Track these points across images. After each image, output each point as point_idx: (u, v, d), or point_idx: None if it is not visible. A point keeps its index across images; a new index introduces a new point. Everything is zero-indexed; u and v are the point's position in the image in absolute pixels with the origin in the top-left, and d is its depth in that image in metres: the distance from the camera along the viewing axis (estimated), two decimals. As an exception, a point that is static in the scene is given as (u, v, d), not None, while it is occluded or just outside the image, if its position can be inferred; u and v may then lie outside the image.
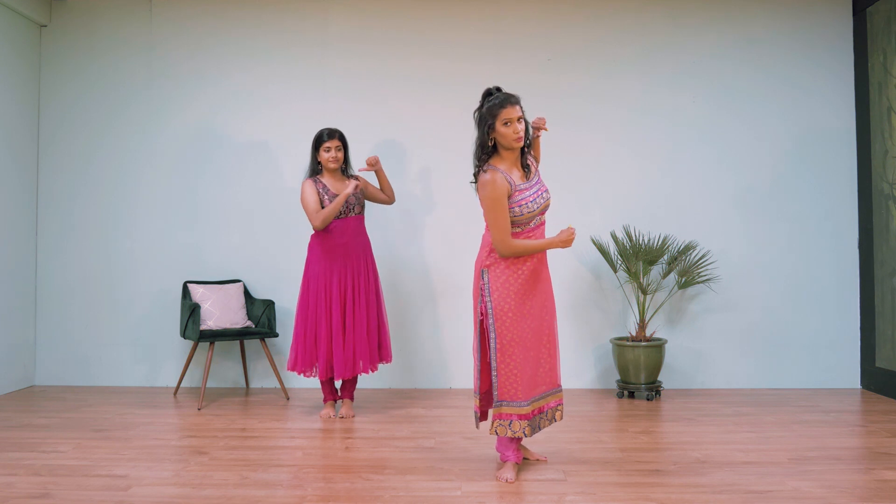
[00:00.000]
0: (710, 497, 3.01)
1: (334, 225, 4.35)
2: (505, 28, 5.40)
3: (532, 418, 3.26)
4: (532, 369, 3.25)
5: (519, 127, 3.14)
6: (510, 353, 3.18)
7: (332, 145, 4.36)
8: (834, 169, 5.36)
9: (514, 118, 3.13)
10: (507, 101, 3.13)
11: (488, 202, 3.14)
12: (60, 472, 3.33)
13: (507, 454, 3.31)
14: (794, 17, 5.39)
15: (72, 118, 5.45)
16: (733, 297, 5.30)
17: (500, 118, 3.13)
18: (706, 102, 5.38)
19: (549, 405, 3.39)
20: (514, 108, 3.13)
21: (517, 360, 3.18)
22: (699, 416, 4.44)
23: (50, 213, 5.44)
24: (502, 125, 3.13)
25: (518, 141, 3.16)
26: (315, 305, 4.34)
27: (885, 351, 5.01)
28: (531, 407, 3.25)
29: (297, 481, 3.22)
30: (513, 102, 3.14)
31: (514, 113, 3.13)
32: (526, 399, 3.22)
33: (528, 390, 3.22)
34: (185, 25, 5.45)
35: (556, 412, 3.42)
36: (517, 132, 3.14)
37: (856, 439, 3.95)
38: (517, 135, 3.14)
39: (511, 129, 3.14)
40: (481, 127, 3.19)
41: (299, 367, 4.36)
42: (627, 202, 5.31)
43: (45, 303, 5.41)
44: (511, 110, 3.12)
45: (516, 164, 3.25)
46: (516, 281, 3.20)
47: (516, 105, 3.15)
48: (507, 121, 3.13)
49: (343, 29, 5.43)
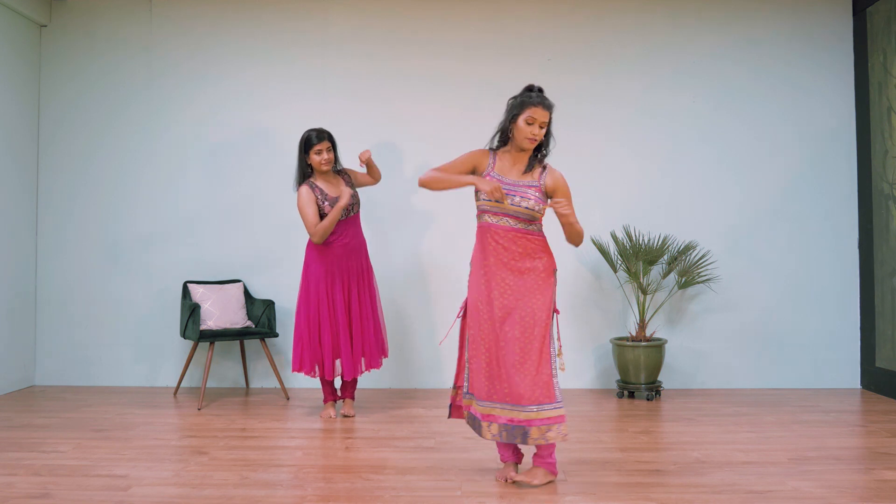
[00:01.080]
0: (710, 497, 3.01)
1: (334, 228, 4.34)
2: (505, 28, 5.40)
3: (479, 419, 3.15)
4: (485, 370, 3.16)
5: (538, 131, 3.14)
6: (475, 349, 3.18)
7: (322, 147, 4.27)
8: (834, 169, 5.36)
9: (539, 121, 3.13)
10: (541, 103, 3.14)
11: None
12: (60, 472, 3.33)
13: (506, 454, 3.30)
14: (794, 17, 5.39)
15: (72, 118, 5.45)
16: (733, 297, 5.30)
17: (526, 113, 3.13)
18: (706, 102, 5.38)
19: (515, 420, 3.05)
20: (543, 112, 3.13)
21: (479, 357, 3.17)
22: (699, 416, 4.44)
23: (50, 214, 5.44)
24: (524, 121, 3.14)
25: (529, 142, 3.15)
26: (317, 305, 4.31)
27: (885, 351, 5.01)
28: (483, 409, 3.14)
29: (297, 481, 3.22)
30: (545, 106, 3.14)
31: (541, 116, 3.13)
32: (480, 398, 3.15)
33: (482, 389, 3.16)
34: (185, 25, 5.45)
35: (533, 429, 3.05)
36: (534, 135, 3.13)
37: (856, 439, 3.95)
38: (532, 136, 3.14)
39: (530, 129, 3.13)
40: (507, 114, 3.21)
41: (306, 368, 4.32)
42: (627, 202, 5.31)
43: (45, 303, 5.41)
44: (539, 111, 3.12)
45: (518, 161, 3.23)
46: (481, 278, 3.19)
47: (547, 111, 3.14)
48: (530, 119, 3.13)
49: (343, 29, 5.43)
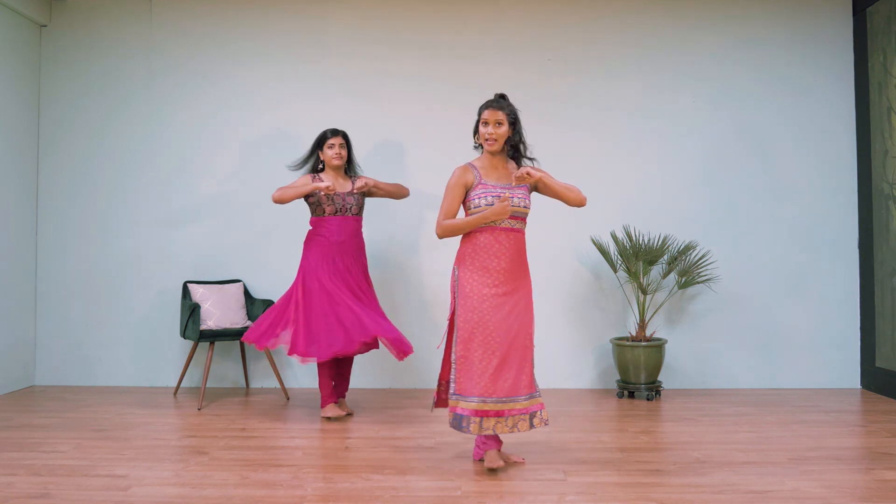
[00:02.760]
0: (710, 497, 3.01)
1: (332, 223, 4.37)
2: (505, 28, 5.40)
3: (485, 418, 3.24)
4: (488, 368, 3.24)
5: (492, 130, 3.31)
6: (469, 349, 3.25)
7: (335, 142, 4.42)
8: (834, 169, 5.36)
9: (491, 120, 3.32)
10: (490, 104, 3.35)
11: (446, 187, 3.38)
12: (60, 472, 3.33)
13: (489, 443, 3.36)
14: (794, 17, 5.39)
15: (72, 118, 5.45)
16: (733, 297, 5.30)
17: (481, 117, 3.36)
18: (706, 103, 5.38)
19: (513, 411, 3.27)
20: (493, 112, 3.33)
21: (476, 357, 3.24)
22: (699, 416, 4.44)
23: (50, 213, 5.44)
24: (481, 124, 3.36)
25: (487, 144, 3.34)
26: (308, 290, 4.29)
27: (885, 351, 5.01)
28: (486, 406, 3.23)
29: (297, 481, 3.22)
30: (496, 106, 3.33)
31: (491, 115, 3.32)
32: (479, 395, 3.23)
33: (482, 388, 3.23)
34: (185, 25, 5.45)
35: (521, 420, 3.28)
36: (489, 134, 3.32)
37: (856, 439, 3.95)
38: (487, 136, 3.33)
39: (485, 130, 3.34)
40: (475, 125, 3.44)
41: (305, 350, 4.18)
42: (627, 202, 5.31)
43: (45, 303, 5.41)
44: (488, 112, 3.34)
45: (499, 166, 3.38)
46: (483, 279, 3.28)
47: (498, 109, 3.32)
48: (484, 121, 3.35)
49: (343, 29, 5.43)
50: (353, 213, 4.42)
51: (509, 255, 3.31)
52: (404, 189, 4.68)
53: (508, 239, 3.32)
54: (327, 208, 4.37)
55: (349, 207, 4.40)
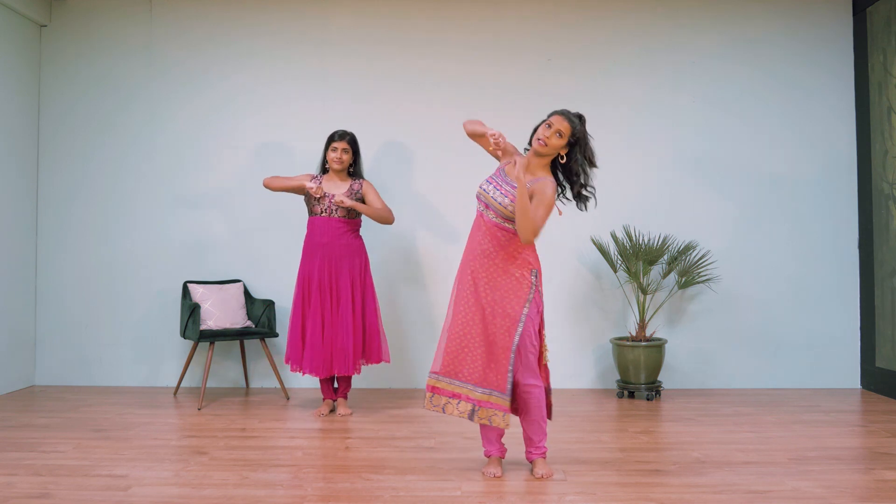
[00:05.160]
0: (710, 497, 3.01)
1: (315, 223, 4.45)
2: (505, 28, 5.40)
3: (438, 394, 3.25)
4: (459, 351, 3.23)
5: (550, 134, 3.22)
6: (446, 329, 3.29)
7: (339, 146, 4.45)
8: (834, 169, 5.36)
9: (555, 127, 3.23)
10: (563, 112, 3.29)
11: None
12: (60, 472, 3.33)
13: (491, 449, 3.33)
14: (793, 17, 5.39)
15: (72, 118, 5.45)
16: (733, 297, 5.30)
17: (548, 119, 3.28)
18: (706, 102, 5.38)
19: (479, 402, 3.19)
20: (561, 119, 3.25)
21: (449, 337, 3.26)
22: (699, 416, 4.44)
23: (50, 213, 5.44)
24: (545, 124, 3.28)
25: (538, 143, 3.25)
26: (302, 302, 4.46)
27: (885, 351, 5.01)
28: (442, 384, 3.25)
29: (297, 481, 3.22)
30: (564, 116, 3.26)
31: (558, 122, 3.24)
32: (439, 372, 3.25)
33: (445, 365, 3.24)
34: (184, 25, 5.45)
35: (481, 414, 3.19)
36: (545, 136, 3.23)
37: (856, 439, 3.95)
38: (540, 137, 3.24)
39: (543, 131, 3.25)
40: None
41: (292, 364, 4.48)
42: (627, 202, 5.31)
43: (45, 303, 5.41)
44: (557, 118, 3.25)
45: (531, 167, 3.30)
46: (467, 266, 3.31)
47: (566, 121, 3.25)
48: (549, 123, 3.27)
49: (343, 29, 5.43)
50: (339, 214, 4.42)
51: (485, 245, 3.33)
52: (389, 215, 4.53)
53: (490, 230, 3.32)
54: (315, 208, 4.46)
55: (335, 209, 4.41)
